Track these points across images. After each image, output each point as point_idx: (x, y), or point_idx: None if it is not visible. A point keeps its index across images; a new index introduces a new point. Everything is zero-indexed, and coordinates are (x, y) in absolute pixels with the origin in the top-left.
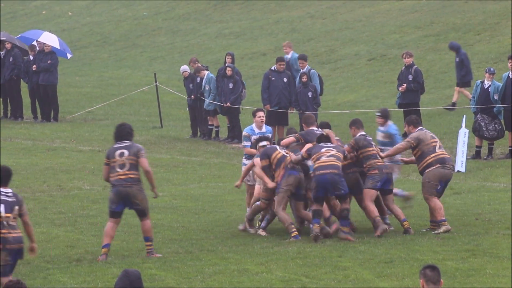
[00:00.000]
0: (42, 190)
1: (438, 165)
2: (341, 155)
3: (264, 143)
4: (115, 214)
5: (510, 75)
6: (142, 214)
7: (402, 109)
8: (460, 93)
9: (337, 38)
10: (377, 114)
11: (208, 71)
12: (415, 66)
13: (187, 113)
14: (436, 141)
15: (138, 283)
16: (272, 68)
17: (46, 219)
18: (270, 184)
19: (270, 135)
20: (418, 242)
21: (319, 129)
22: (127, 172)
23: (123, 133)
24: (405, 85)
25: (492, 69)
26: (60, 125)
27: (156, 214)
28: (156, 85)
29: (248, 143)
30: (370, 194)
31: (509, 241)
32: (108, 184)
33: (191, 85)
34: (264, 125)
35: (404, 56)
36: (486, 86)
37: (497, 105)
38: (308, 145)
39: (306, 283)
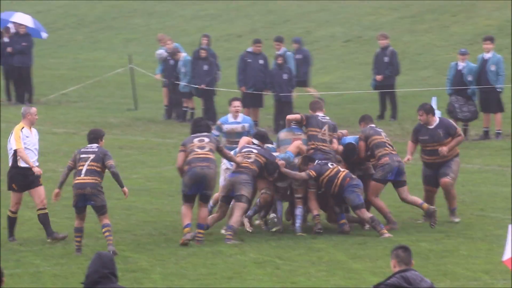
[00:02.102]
0: None
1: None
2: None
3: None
4: (189, 198)
5: (485, 56)
6: (206, 200)
7: (377, 91)
8: None
9: (313, 20)
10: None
11: (185, 54)
12: (390, 48)
13: (161, 95)
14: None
15: (111, 265)
16: (248, 50)
17: None
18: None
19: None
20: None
21: (325, 116)
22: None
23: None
24: (381, 75)
25: (463, 50)
26: (36, 107)
27: (130, 196)
28: (131, 67)
29: (217, 133)
30: (376, 188)
31: (482, 222)
32: None
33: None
34: (241, 114)
35: (379, 38)
36: (460, 68)
37: (471, 87)
38: (297, 143)
39: (279, 265)
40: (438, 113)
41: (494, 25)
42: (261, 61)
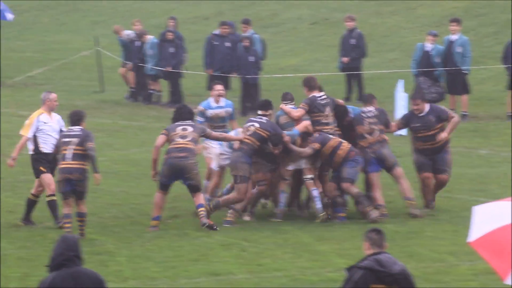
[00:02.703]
0: None
1: None
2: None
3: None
4: (164, 187)
5: (451, 38)
6: (194, 189)
7: (344, 73)
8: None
9: (280, 2)
10: None
11: (152, 36)
12: (357, 30)
13: (121, 77)
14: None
15: (76, 247)
16: (215, 32)
17: None
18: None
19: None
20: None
21: (323, 94)
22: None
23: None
24: (348, 58)
25: (434, 32)
26: (1, 90)
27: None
28: (98, 49)
29: (202, 119)
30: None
31: (448, 204)
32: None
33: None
34: (222, 98)
35: (346, 20)
36: (427, 49)
37: (438, 68)
38: (306, 123)
39: (246, 247)
40: (404, 96)
41: (461, 7)
42: (227, 44)
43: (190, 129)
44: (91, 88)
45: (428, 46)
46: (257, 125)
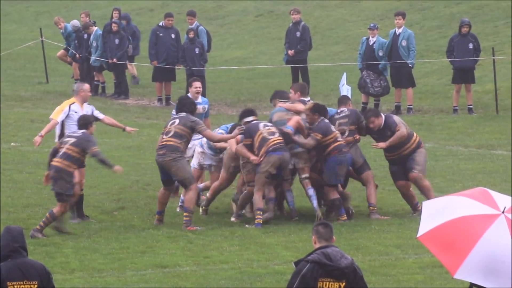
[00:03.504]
0: None
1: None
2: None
3: (250, 118)
4: (163, 183)
5: (396, 31)
6: (183, 185)
7: (289, 66)
8: None
9: None
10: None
11: (97, 27)
12: (302, 23)
13: (72, 69)
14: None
15: (21, 239)
16: (160, 24)
17: None
18: (254, 158)
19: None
20: (305, 199)
21: (309, 100)
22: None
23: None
24: (293, 50)
25: (372, 25)
26: None
27: (41, 170)
28: (42, 40)
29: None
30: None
31: (394, 197)
32: None
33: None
34: (200, 96)
35: (291, 13)
36: (371, 43)
37: (383, 62)
38: (297, 118)
39: (192, 239)
40: (348, 88)
41: (405, 1)
42: (172, 35)
43: (176, 122)
44: (35, 79)
45: (372, 39)
46: (273, 127)
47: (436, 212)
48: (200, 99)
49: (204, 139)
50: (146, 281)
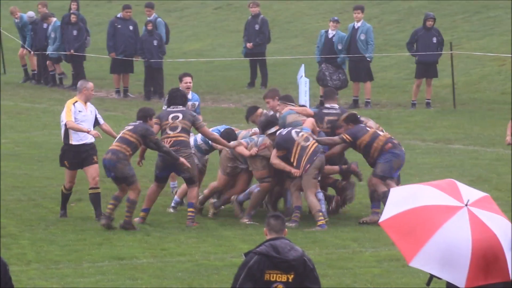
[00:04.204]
0: None
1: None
2: None
3: (273, 129)
4: (158, 179)
5: (355, 25)
6: (190, 182)
7: (248, 59)
8: None
9: None
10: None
11: (55, 19)
12: (261, 16)
13: (29, 60)
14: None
15: None
16: (118, 15)
17: None
18: (295, 170)
19: (271, 114)
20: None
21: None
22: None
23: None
24: (252, 43)
25: (335, 18)
26: None
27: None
28: None
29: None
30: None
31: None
32: None
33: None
34: (190, 91)
35: (250, 6)
36: (330, 36)
37: (341, 55)
38: (312, 120)
39: (150, 231)
40: (306, 81)
41: None
42: (131, 27)
43: (180, 116)
44: None
45: (331, 33)
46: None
47: (401, 199)
48: (190, 95)
49: (195, 139)
50: (103, 273)
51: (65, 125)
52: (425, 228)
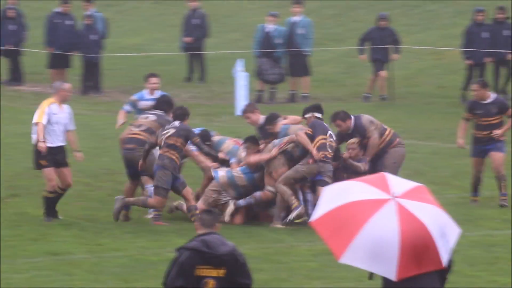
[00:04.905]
0: None
1: None
2: None
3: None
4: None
5: (294, 20)
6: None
7: (186, 53)
8: None
9: None
10: None
11: None
12: (200, 10)
13: None
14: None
15: None
16: (57, 10)
17: None
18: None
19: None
20: None
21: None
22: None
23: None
24: (190, 38)
25: (274, 13)
26: None
27: None
28: None
29: (127, 107)
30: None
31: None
32: None
33: None
34: (157, 91)
35: (189, 0)
36: (267, 30)
37: (279, 50)
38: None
39: (85, 227)
40: (244, 75)
41: None
42: (69, 22)
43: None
44: None
45: (269, 27)
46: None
47: (331, 197)
48: (157, 95)
49: None
50: (38, 268)
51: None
52: (353, 224)
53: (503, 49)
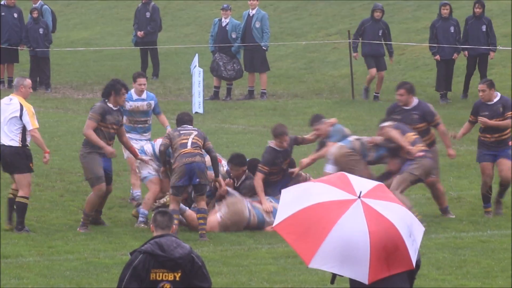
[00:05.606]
0: None
1: None
2: None
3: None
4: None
5: (250, 13)
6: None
7: (138, 48)
8: None
9: None
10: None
11: None
12: (152, 3)
13: None
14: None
15: None
16: (2, 2)
17: None
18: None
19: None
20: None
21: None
22: None
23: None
24: (143, 31)
25: (226, 6)
26: None
27: None
28: None
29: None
30: None
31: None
32: None
33: None
34: (144, 91)
35: None
36: (224, 24)
37: (236, 44)
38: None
39: (36, 229)
40: (200, 71)
41: None
42: (15, 14)
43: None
44: None
45: (225, 21)
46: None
47: (292, 200)
48: (144, 94)
49: (153, 146)
50: None
51: (23, 127)
52: (320, 227)
53: (477, 45)
